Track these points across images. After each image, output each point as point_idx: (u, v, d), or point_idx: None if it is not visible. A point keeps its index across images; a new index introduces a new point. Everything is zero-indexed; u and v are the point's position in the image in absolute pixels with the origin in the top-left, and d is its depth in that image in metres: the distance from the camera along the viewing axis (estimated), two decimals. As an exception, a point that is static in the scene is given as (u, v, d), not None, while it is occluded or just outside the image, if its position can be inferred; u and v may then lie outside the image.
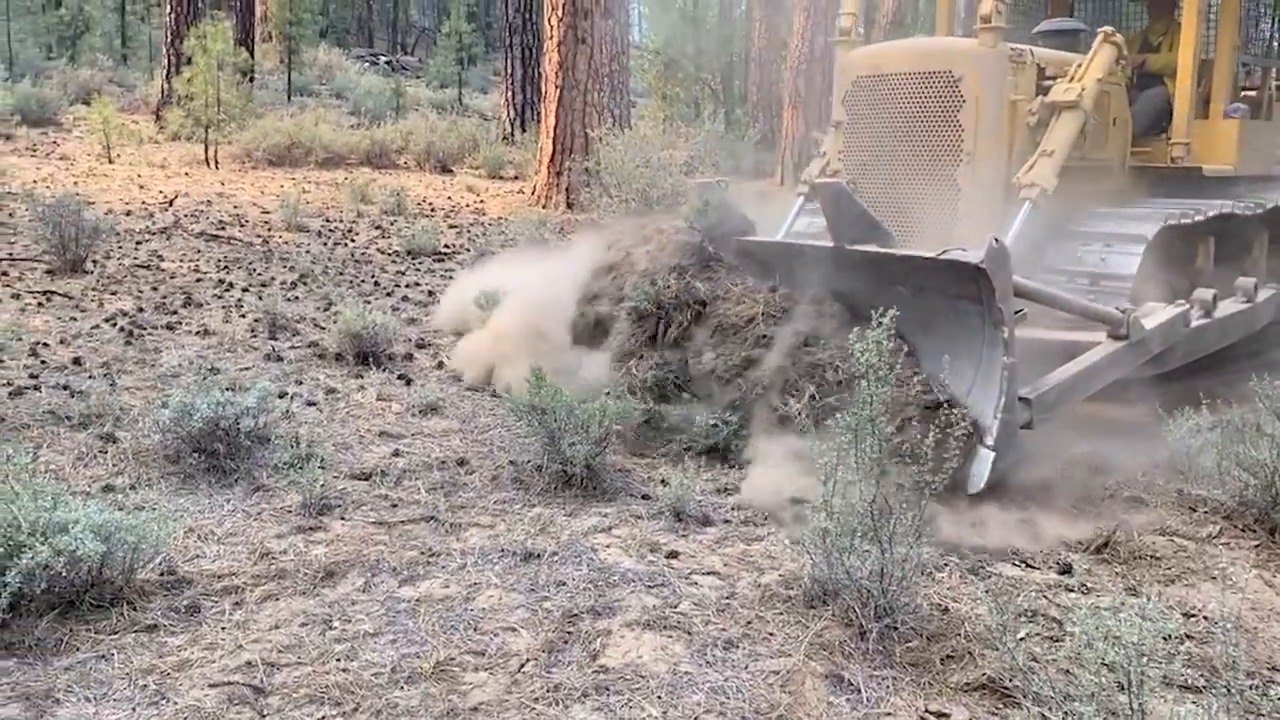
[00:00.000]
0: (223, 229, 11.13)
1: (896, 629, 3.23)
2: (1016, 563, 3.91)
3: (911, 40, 6.23)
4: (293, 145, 17.16)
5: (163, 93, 19.53)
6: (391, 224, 12.42)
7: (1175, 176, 6.56)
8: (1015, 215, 5.24)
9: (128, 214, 11.30)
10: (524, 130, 19.95)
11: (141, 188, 13.37)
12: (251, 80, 20.47)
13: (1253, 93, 7.48)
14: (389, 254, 10.59)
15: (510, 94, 20.87)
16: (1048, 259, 5.59)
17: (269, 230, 11.35)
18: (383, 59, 36.33)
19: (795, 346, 4.83)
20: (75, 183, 12.66)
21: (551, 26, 14.11)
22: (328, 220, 12.31)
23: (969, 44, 5.68)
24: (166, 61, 19.71)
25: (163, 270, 8.96)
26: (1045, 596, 3.59)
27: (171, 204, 12.26)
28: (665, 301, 5.41)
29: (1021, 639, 2.78)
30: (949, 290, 4.21)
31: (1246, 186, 6.86)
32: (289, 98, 24.64)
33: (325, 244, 10.90)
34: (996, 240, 3.94)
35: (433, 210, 13.93)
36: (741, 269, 5.46)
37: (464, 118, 23.06)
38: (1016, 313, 4.17)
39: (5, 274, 8.16)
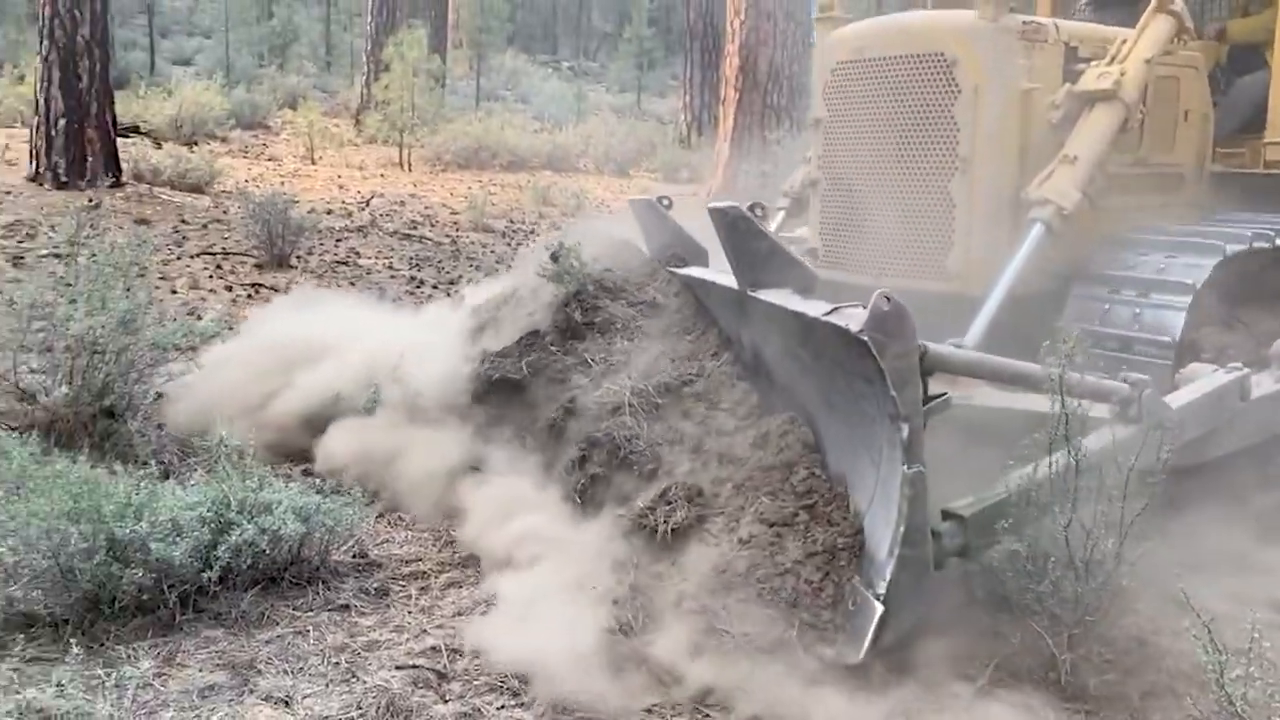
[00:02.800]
0: (414, 228, 11.62)
1: (1090, 661, 3.05)
2: (1227, 596, 3.61)
3: (902, 15, 4.91)
4: (480, 149, 17.78)
5: (362, 98, 20.59)
6: (572, 225, 12.69)
7: (1272, 187, 5.08)
8: (1024, 241, 4.18)
9: (328, 212, 11.95)
10: (700, 134, 19.99)
11: (341, 188, 14.13)
12: (443, 86, 21.33)
13: None
14: (568, 255, 10.81)
15: (688, 97, 20.95)
16: (1084, 276, 4.43)
17: (457, 230, 11.78)
18: (565, 64, 37.22)
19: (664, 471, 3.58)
20: (282, 182, 13.49)
21: (733, 29, 14.08)
22: (511, 221, 12.69)
23: (964, 17, 4.47)
24: (366, 68, 20.78)
25: (360, 266, 9.43)
26: (1262, 636, 3.31)
27: (368, 204, 12.89)
28: (477, 389, 4.40)
29: (1235, 679, 2.56)
30: (843, 362, 3.04)
31: None
32: (477, 103, 25.54)
33: (509, 244, 11.23)
34: (888, 299, 2.80)
35: (610, 212, 14.15)
36: (681, 306, 4.40)
37: (641, 121, 23.34)
38: (936, 398, 3.03)
39: (220, 267, 8.77)
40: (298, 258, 9.29)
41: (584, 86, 29.22)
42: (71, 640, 2.87)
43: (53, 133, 11.06)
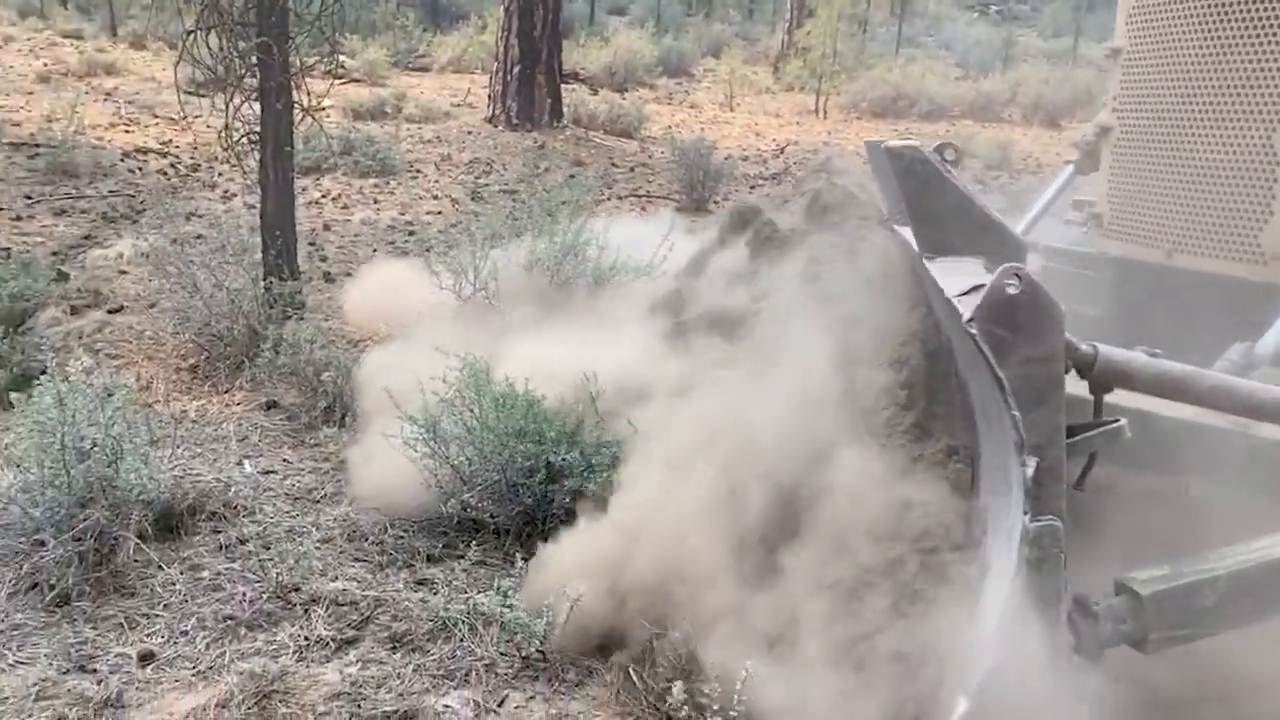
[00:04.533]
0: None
1: None
2: None
3: None
4: (898, 96, 17.23)
5: (783, 45, 20.68)
6: (994, 179, 11.93)
7: None
8: None
9: (744, 159, 12.11)
10: (1150, 82, 18.00)
11: (757, 135, 14.29)
12: (864, 32, 20.89)
13: None
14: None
15: (1138, 41, 18.90)
16: None
17: (870, 179, 11.49)
18: (993, 8, 35.02)
19: None
20: (702, 129, 13.87)
21: (1206, -38, 12.41)
22: (928, 173, 12.17)
23: None
24: (790, 14, 20.80)
25: (773, 214, 9.47)
26: None
27: (782, 151, 12.93)
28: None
29: None
30: (980, 360, 2.16)
31: None
32: (897, 49, 24.76)
33: (924, 197, 10.78)
34: (1019, 277, 2.02)
35: (1039, 167, 13.13)
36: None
37: (1078, 68, 21.43)
38: (1104, 425, 2.25)
39: (644, 209, 9.17)
40: (715, 202, 9.49)
41: (1013, 31, 27.34)
42: (515, 552, 3.09)
43: (508, 78, 12.13)
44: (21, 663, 2.73)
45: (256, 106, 5.01)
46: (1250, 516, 2.41)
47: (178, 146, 9.90)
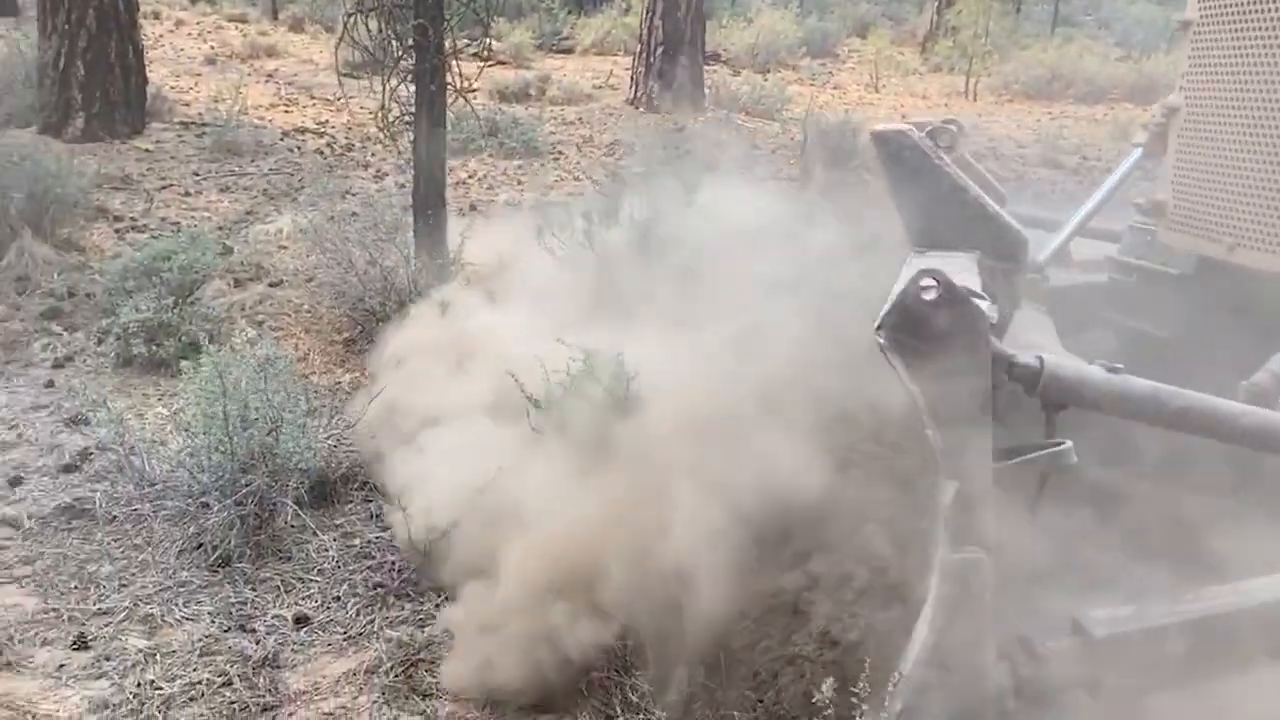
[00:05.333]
0: (977, 160, 11.10)
1: None
2: None
3: None
4: (1053, 78, 16.52)
5: (931, 24, 20.08)
6: (1155, 167, 11.34)
7: None
8: None
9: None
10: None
11: (903, 117, 13.91)
12: (1018, 11, 20.12)
13: None
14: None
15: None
16: None
17: (1023, 164, 11.07)
18: (1159, -16, 33.25)
19: None
20: (846, 111, 13.59)
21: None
22: (1084, 157, 11.63)
23: None
24: (940, -7, 20.20)
25: (918, 199, 9.22)
26: None
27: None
28: None
29: None
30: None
31: None
32: (1052, 29, 23.74)
33: (1080, 181, 10.31)
34: (937, 280, 1.80)
35: (1206, 153, 12.44)
36: None
37: (1254, 48, 20.14)
38: (1048, 447, 1.98)
39: (784, 192, 9.05)
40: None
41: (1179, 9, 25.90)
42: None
43: (651, 59, 12.14)
44: (187, 619, 2.88)
45: (411, 88, 5.12)
46: None
47: (333, 126, 10.25)
